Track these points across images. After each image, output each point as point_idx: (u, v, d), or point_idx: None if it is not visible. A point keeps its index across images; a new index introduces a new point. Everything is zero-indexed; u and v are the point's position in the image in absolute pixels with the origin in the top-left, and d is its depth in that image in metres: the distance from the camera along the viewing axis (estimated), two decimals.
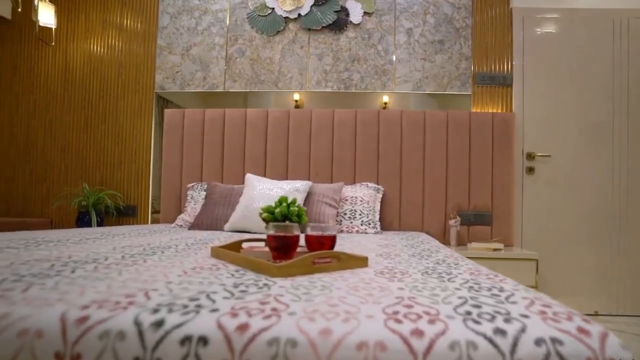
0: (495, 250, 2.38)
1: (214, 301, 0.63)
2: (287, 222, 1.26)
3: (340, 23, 2.82)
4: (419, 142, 2.72)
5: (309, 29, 2.85)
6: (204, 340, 0.52)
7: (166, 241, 1.54)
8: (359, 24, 2.82)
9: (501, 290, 0.76)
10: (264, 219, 1.24)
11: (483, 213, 2.68)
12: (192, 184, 2.73)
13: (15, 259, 0.98)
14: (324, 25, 2.82)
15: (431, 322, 0.56)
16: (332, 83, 2.83)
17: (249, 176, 2.41)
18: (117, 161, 2.97)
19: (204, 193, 2.60)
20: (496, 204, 2.70)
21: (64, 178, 3.02)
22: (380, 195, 2.63)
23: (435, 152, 2.71)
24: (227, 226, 2.23)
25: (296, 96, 2.85)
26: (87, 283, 0.74)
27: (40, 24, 2.74)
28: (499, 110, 2.79)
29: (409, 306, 0.63)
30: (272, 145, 2.77)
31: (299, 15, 2.83)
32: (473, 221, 2.68)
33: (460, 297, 0.69)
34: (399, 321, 0.56)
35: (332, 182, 2.71)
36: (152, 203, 2.95)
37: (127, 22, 3.00)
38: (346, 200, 2.52)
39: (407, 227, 2.70)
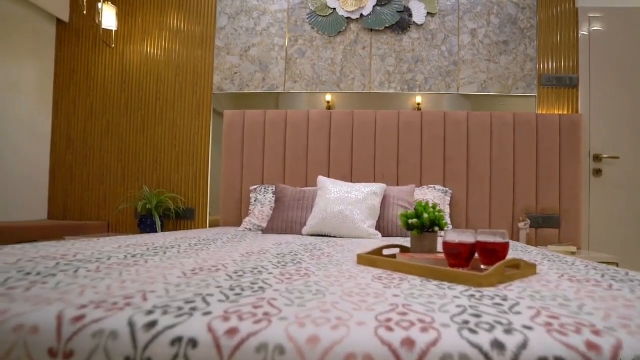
0: (572, 253, 2.34)
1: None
2: (459, 230, 1.23)
3: (403, 24, 2.79)
4: (485, 143, 2.68)
5: (371, 30, 2.82)
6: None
7: (284, 248, 1.52)
8: (422, 25, 2.79)
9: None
10: (412, 225, 1.21)
11: (551, 216, 2.64)
12: (255, 187, 2.70)
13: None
14: (386, 25, 2.79)
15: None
16: (395, 84, 2.80)
17: (322, 179, 2.38)
18: (174, 163, 2.95)
19: (271, 196, 2.57)
20: (564, 206, 2.66)
21: (121, 181, 2.99)
22: (449, 198, 2.60)
23: (502, 154, 2.67)
24: (305, 230, 2.20)
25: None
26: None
27: (103, 27, 2.72)
28: (565, 112, 2.75)
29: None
30: (336, 146, 2.74)
31: (361, 15, 2.81)
32: (541, 224, 2.64)
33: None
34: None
35: (397, 184, 2.68)
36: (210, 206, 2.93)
37: (184, 23, 2.98)
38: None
39: (474, 228, 2.66)
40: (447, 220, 2.46)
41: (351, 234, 2.12)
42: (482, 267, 0.98)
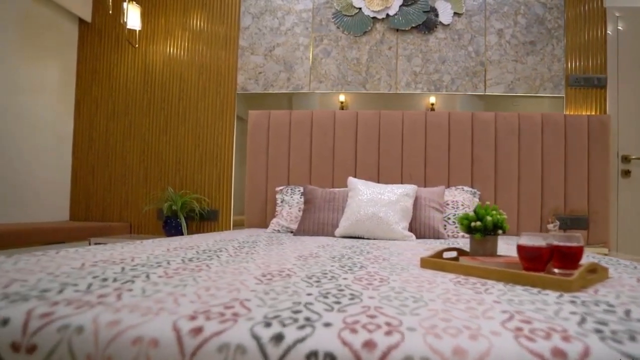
0: (604, 255, 2.32)
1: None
2: (531, 233, 1.21)
3: (429, 24, 2.77)
4: (513, 144, 2.66)
5: (397, 30, 2.80)
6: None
7: (332, 250, 1.50)
8: (448, 25, 2.77)
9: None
10: (475, 228, 1.18)
11: (580, 217, 2.62)
12: (280, 188, 2.68)
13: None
14: (412, 25, 2.77)
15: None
16: (421, 85, 2.78)
17: (352, 180, 2.35)
18: (198, 164, 2.93)
19: (298, 197, 2.55)
20: (593, 207, 2.63)
21: (143, 181, 2.97)
22: (477, 199, 2.58)
23: (530, 154, 2.65)
24: (338, 232, 2.18)
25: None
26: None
27: (128, 27, 2.70)
28: (593, 112, 2.73)
29: None
30: (362, 147, 2.72)
31: (387, 15, 2.78)
32: (569, 225, 2.62)
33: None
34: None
35: (425, 186, 2.66)
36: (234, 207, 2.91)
37: (207, 23, 2.96)
38: (447, 204, 2.47)
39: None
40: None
41: (385, 235, 2.10)
42: (556, 270, 0.96)
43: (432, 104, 2.81)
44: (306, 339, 0.52)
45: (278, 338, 0.52)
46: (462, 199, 2.51)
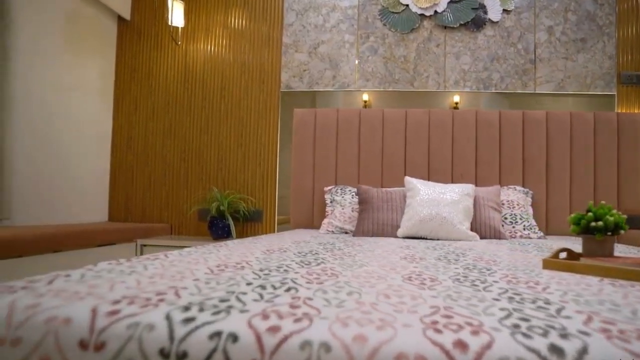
0: None
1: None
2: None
3: (478, 21, 2.72)
4: (565, 143, 2.62)
5: (445, 27, 2.75)
6: None
7: (435, 252, 1.46)
8: (497, 22, 2.73)
9: None
10: (594, 228, 1.14)
11: (634, 216, 2.58)
12: (329, 187, 2.63)
13: None
14: (461, 22, 2.73)
15: None
16: (470, 83, 2.74)
17: (409, 179, 2.31)
18: (241, 163, 2.87)
19: (350, 197, 2.50)
20: None
21: (184, 181, 2.92)
22: (530, 199, 2.54)
23: (582, 153, 2.61)
24: (400, 232, 2.13)
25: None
26: None
27: (173, 24, 2.65)
28: None
29: None
30: (412, 146, 2.67)
31: (435, 12, 2.74)
32: None
33: None
34: None
35: (476, 185, 2.61)
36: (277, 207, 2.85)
37: (249, 19, 2.91)
38: (503, 204, 2.42)
39: (554, 231, 2.60)
40: (533, 221, 2.39)
41: (449, 236, 2.05)
42: None
43: (457, 103, 2.76)
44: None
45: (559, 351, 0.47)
46: (516, 199, 2.47)
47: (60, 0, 2.51)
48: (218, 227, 2.60)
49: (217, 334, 0.49)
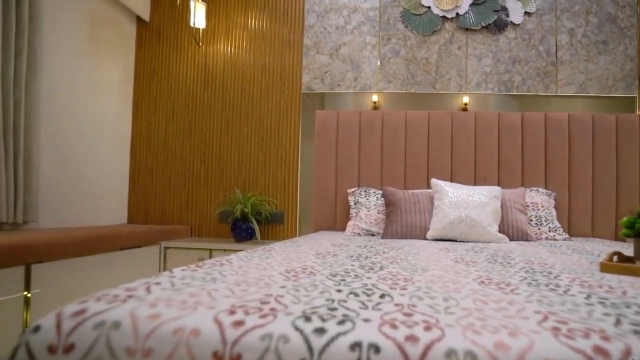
0: None
1: None
2: None
3: (500, 23, 2.73)
4: (587, 144, 2.63)
5: (467, 29, 2.76)
6: None
7: (488, 255, 1.46)
8: (518, 25, 2.74)
9: None
10: None
11: None
12: (353, 189, 2.63)
13: None
14: (483, 25, 2.73)
15: None
16: (492, 85, 2.74)
17: (436, 181, 2.31)
18: (261, 165, 2.87)
19: (374, 199, 2.50)
20: None
21: (204, 183, 2.91)
22: (553, 201, 2.55)
23: (605, 155, 2.62)
24: (430, 234, 2.13)
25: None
26: None
27: (195, 26, 2.64)
28: None
29: None
30: (434, 148, 2.67)
31: (457, 14, 2.74)
32: None
33: None
34: None
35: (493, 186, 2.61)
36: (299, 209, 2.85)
37: (270, 20, 2.90)
38: (527, 206, 2.43)
39: (577, 233, 2.61)
40: (558, 223, 2.40)
41: (480, 238, 2.06)
42: None
43: (465, 104, 2.76)
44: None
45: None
46: (540, 201, 2.48)
47: (83, 0, 2.50)
48: (241, 229, 2.59)
49: (357, 345, 0.48)
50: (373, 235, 2.36)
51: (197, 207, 2.90)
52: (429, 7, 2.76)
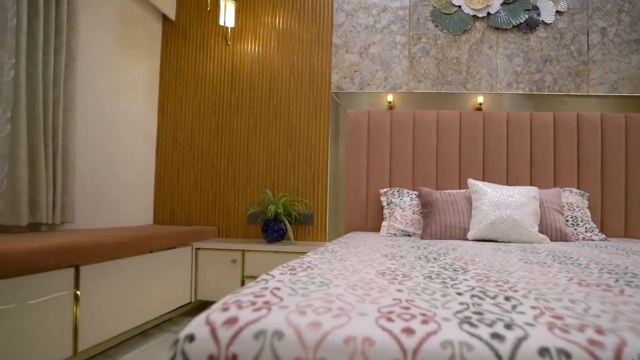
0: None
1: None
2: None
3: (531, 22, 2.71)
4: (620, 145, 2.61)
5: (497, 28, 2.74)
6: None
7: (547, 256, 1.45)
8: (550, 24, 2.72)
9: None
10: None
11: None
12: (385, 190, 2.61)
13: None
14: (514, 24, 2.71)
15: None
16: (523, 85, 2.72)
17: (473, 182, 2.29)
18: (290, 165, 2.84)
19: (408, 199, 2.48)
20: None
21: (231, 183, 2.88)
22: (587, 202, 2.53)
23: (637, 155, 2.60)
24: (471, 235, 2.11)
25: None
26: None
27: (225, 25, 2.61)
28: None
29: None
30: (466, 147, 2.66)
31: (488, 13, 2.73)
32: None
33: None
34: None
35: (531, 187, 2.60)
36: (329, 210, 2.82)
37: (298, 19, 2.87)
38: (563, 206, 2.42)
39: (610, 233, 2.60)
40: (592, 224, 2.38)
41: (521, 238, 2.04)
42: None
43: (480, 104, 2.74)
44: None
45: None
46: (574, 201, 2.46)
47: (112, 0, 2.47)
48: (273, 229, 2.57)
49: (545, 350, 0.46)
50: (410, 235, 2.34)
51: (225, 208, 2.87)
52: (460, 7, 2.74)
